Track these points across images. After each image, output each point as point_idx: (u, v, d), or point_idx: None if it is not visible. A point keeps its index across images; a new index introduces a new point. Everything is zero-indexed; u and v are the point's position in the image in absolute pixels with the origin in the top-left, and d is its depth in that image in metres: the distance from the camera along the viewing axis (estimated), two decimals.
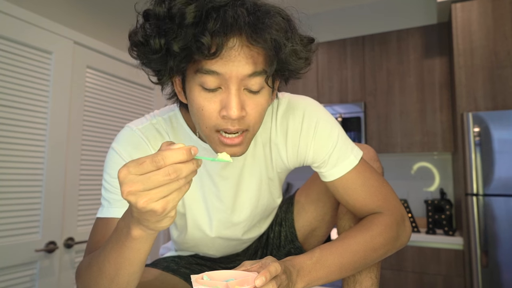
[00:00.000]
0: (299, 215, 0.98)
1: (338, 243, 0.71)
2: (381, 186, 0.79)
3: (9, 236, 1.63)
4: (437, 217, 2.37)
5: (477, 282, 1.99)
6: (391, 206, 0.78)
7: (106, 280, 0.60)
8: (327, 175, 0.79)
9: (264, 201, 0.87)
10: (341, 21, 3.11)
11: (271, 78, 0.64)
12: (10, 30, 1.66)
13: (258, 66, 0.59)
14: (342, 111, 2.80)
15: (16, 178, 1.67)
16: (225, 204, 0.83)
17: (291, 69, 0.63)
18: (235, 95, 0.59)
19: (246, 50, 0.58)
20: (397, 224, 0.76)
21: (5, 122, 1.64)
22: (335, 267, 0.67)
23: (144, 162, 0.44)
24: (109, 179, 0.71)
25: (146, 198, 0.44)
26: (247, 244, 0.98)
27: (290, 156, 0.81)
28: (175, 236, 0.93)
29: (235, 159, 0.78)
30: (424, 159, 2.84)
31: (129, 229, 0.52)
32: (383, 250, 0.74)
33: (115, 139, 0.75)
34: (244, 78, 0.59)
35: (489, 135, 2.03)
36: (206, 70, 0.58)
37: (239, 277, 0.58)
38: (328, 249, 0.68)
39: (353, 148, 0.79)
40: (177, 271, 0.91)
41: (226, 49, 0.57)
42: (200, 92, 0.61)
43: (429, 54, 2.62)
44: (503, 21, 2.15)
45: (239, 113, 0.59)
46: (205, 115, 0.61)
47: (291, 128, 0.78)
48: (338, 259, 0.68)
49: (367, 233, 0.72)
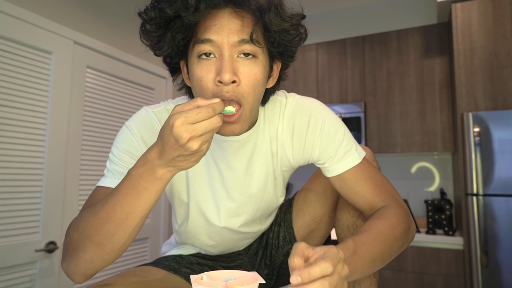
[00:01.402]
0: (298, 216, 0.99)
1: (365, 234, 0.69)
2: (386, 181, 0.83)
3: (9, 236, 1.63)
4: (437, 217, 2.37)
5: (477, 282, 1.99)
6: (396, 198, 0.81)
7: (113, 225, 0.62)
8: (332, 170, 0.81)
9: (268, 197, 0.88)
10: (341, 21, 3.11)
11: (266, 49, 0.69)
12: (10, 30, 1.66)
13: (247, 34, 0.65)
14: (342, 111, 2.80)
15: (16, 178, 1.67)
16: (229, 194, 0.83)
17: (282, 42, 0.69)
18: (227, 61, 0.64)
19: (237, 19, 0.65)
20: (407, 217, 0.78)
21: (5, 122, 1.64)
22: (368, 258, 0.66)
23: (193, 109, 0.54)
24: (116, 152, 0.74)
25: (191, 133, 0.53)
26: (247, 240, 0.98)
27: (296, 154, 0.83)
28: (176, 227, 0.94)
29: (241, 151, 0.80)
30: (424, 159, 2.84)
31: (153, 171, 0.58)
32: (401, 240, 0.74)
33: (130, 118, 0.79)
34: (235, 44, 0.65)
35: (489, 135, 2.03)
36: (202, 39, 0.65)
37: (238, 277, 0.59)
38: (359, 240, 0.67)
39: (357, 147, 0.82)
40: (178, 270, 0.91)
41: (218, 18, 0.65)
42: (198, 63, 0.66)
43: (429, 54, 2.62)
44: (503, 21, 2.15)
45: (230, 77, 0.63)
46: (203, 86, 0.66)
47: (298, 126, 0.81)
48: (369, 249, 0.67)
49: (387, 223, 0.73)
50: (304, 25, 0.73)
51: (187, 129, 0.53)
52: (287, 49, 0.72)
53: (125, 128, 0.76)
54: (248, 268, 1.02)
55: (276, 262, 1.01)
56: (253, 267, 1.02)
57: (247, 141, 0.79)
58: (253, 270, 1.02)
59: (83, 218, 0.65)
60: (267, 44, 0.70)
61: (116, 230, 0.62)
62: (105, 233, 0.62)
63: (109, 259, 0.65)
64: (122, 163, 0.73)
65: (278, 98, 0.84)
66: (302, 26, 0.72)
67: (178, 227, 0.93)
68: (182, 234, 0.94)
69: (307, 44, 3.08)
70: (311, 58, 3.02)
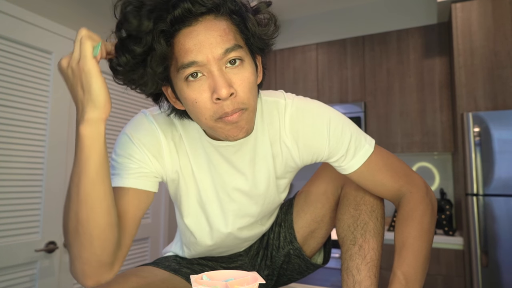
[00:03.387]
0: (298, 216, 0.98)
1: (405, 251, 0.76)
2: (399, 162, 0.86)
3: (9, 236, 1.63)
4: (437, 217, 2.37)
5: (477, 282, 1.99)
6: (414, 178, 0.84)
7: (74, 204, 0.60)
8: (347, 168, 0.81)
9: (270, 198, 0.87)
10: (341, 21, 3.10)
11: (247, 48, 0.67)
12: (10, 30, 1.66)
13: (229, 42, 0.62)
14: (342, 111, 2.80)
15: (16, 178, 1.67)
16: (231, 197, 0.83)
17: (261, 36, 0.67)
18: (219, 76, 0.61)
19: (213, 31, 0.62)
20: (427, 194, 0.83)
21: (5, 122, 1.64)
22: (420, 275, 0.74)
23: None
24: (115, 157, 0.73)
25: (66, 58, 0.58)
26: (248, 242, 0.98)
27: (303, 156, 0.82)
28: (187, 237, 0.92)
29: (239, 154, 0.79)
30: (424, 159, 2.84)
31: (79, 130, 0.59)
32: (432, 226, 0.80)
33: (128, 122, 0.77)
34: (220, 57, 0.62)
35: (489, 135, 2.03)
36: (185, 64, 0.61)
37: (238, 277, 0.59)
38: (402, 262, 0.74)
39: (366, 137, 0.83)
40: (178, 270, 0.91)
41: (194, 36, 0.61)
42: (188, 87, 0.63)
43: (429, 54, 2.62)
44: (503, 21, 2.15)
45: (227, 91, 0.60)
46: (201, 106, 0.63)
47: (302, 132, 0.79)
48: (416, 265, 0.74)
49: (415, 223, 0.78)
50: (272, 12, 0.70)
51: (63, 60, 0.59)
52: (267, 42, 0.70)
53: (124, 134, 0.74)
54: (249, 268, 1.01)
55: (276, 262, 1.00)
56: (254, 267, 1.02)
57: (245, 145, 0.78)
58: (254, 271, 1.02)
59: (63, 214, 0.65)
60: (247, 43, 0.67)
61: (78, 207, 0.60)
62: (72, 215, 0.61)
63: (96, 249, 0.61)
64: (121, 167, 0.72)
65: (275, 100, 0.81)
66: (272, 15, 0.70)
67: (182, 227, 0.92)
68: (183, 235, 0.94)
69: (307, 44, 3.08)
70: (311, 58, 3.02)
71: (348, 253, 0.84)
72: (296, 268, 1.01)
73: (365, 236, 0.84)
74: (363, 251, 0.82)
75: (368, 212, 0.86)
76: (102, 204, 0.61)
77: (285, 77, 3.12)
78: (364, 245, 0.83)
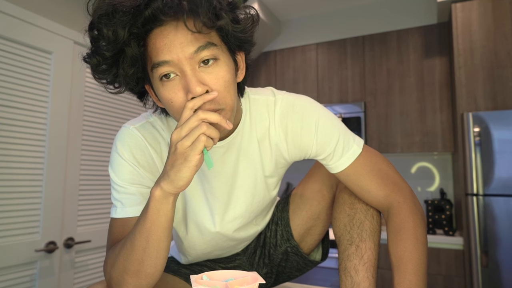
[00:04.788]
0: (294, 213, 0.98)
1: (402, 266, 0.75)
2: (388, 168, 0.83)
3: (9, 236, 1.63)
4: (437, 217, 2.37)
5: (477, 282, 1.99)
6: (400, 187, 0.82)
7: (139, 253, 0.63)
8: (334, 167, 0.82)
9: (260, 197, 0.87)
10: (341, 21, 3.10)
11: (224, 45, 0.66)
12: (10, 30, 1.66)
13: (201, 41, 0.61)
14: (342, 111, 2.80)
15: (16, 178, 1.67)
16: (219, 200, 0.83)
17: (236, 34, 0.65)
18: (192, 75, 0.61)
19: (183, 31, 0.61)
20: (414, 204, 0.81)
21: (5, 122, 1.64)
22: (421, 284, 0.73)
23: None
24: (116, 180, 0.73)
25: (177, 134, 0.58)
26: (244, 243, 0.98)
27: (292, 152, 0.83)
28: (178, 245, 0.93)
29: (227, 155, 0.79)
30: (424, 159, 2.84)
31: (153, 192, 0.61)
32: (424, 235, 0.78)
33: (115, 138, 0.77)
34: (192, 56, 0.61)
35: (489, 135, 2.03)
36: (157, 62, 0.61)
37: (238, 276, 0.59)
38: (403, 279, 0.73)
39: (354, 137, 0.83)
40: (177, 271, 0.92)
41: (165, 36, 0.61)
42: (163, 86, 0.63)
43: (429, 54, 2.62)
44: (503, 21, 2.15)
45: (201, 89, 0.60)
46: (176, 105, 0.63)
47: (291, 126, 0.80)
48: (416, 279, 0.73)
49: (407, 235, 0.77)
50: (250, 7, 0.67)
51: (175, 133, 0.58)
52: (244, 39, 0.67)
53: (115, 153, 0.75)
54: (247, 268, 1.02)
55: (274, 260, 1.01)
56: (252, 266, 1.02)
57: (232, 144, 0.78)
58: (252, 270, 1.02)
59: (116, 253, 0.67)
60: (223, 40, 0.66)
61: (143, 256, 0.64)
62: (135, 262, 0.64)
63: (149, 284, 0.67)
64: (126, 189, 0.73)
65: (264, 98, 0.81)
66: (250, 7, 0.67)
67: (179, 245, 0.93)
68: (176, 242, 0.94)
69: (307, 44, 3.08)
70: (311, 58, 3.02)
71: (346, 253, 0.84)
72: (295, 265, 1.01)
73: (362, 236, 0.83)
74: (360, 251, 0.82)
75: (363, 210, 0.86)
76: (165, 254, 0.67)
77: (285, 77, 3.12)
78: (361, 245, 0.82)
